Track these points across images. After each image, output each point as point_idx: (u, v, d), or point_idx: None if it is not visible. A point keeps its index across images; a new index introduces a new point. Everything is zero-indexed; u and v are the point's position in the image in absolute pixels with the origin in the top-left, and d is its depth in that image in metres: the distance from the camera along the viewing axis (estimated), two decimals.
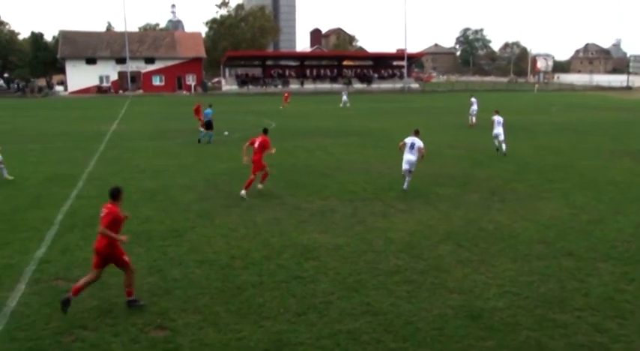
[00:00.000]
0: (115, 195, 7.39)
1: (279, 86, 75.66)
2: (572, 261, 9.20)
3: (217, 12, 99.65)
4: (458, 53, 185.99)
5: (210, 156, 19.78)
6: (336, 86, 76.06)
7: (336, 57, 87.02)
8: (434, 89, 79.37)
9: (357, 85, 77.60)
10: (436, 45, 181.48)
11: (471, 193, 13.83)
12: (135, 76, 76.09)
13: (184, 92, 74.17)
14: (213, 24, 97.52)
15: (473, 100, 33.04)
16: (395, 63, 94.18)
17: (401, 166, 13.87)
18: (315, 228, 11.01)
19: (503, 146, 19.35)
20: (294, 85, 75.37)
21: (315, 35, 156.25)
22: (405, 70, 79.28)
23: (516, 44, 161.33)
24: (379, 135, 25.88)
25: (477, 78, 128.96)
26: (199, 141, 22.76)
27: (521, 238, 10.33)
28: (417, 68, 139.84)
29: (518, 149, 21.18)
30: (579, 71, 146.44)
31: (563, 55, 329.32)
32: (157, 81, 76.36)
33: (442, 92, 73.50)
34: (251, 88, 74.00)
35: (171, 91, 74.64)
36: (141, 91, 74.21)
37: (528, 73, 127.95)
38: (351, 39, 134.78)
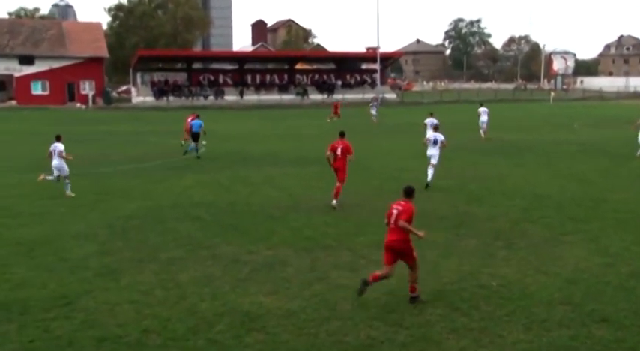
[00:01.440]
0: (410, 193, 10.66)
1: (211, 97, 75.86)
2: (607, 329, 9.15)
3: None
4: (448, 52, 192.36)
5: (117, 193, 19.55)
6: (287, 97, 77.04)
7: (287, 58, 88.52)
8: (416, 100, 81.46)
9: (315, 96, 78.78)
10: (419, 41, 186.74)
11: (467, 238, 14.11)
12: (4, 82, 74.20)
13: (79, 105, 72.96)
14: (118, 12, 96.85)
15: (482, 109, 36.21)
16: (364, 66, 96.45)
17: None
18: (260, 288, 10.96)
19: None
20: (230, 97, 75.80)
21: (259, 29, 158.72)
22: (377, 76, 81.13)
23: (525, 39, 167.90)
24: None
25: (472, 84, 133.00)
26: (186, 153, 27.85)
27: (537, 297, 10.39)
28: (394, 73, 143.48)
29: (529, 178, 21.87)
30: (610, 73, 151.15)
31: (589, 52, 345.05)
32: (38, 89, 74.40)
33: (427, 104, 75.55)
34: (172, 100, 73.82)
35: (60, 104, 73.15)
36: (13, 103, 72.37)
37: (542, 77, 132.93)
38: (307, 34, 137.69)
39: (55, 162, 19.09)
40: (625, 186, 20.35)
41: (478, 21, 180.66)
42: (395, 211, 10.56)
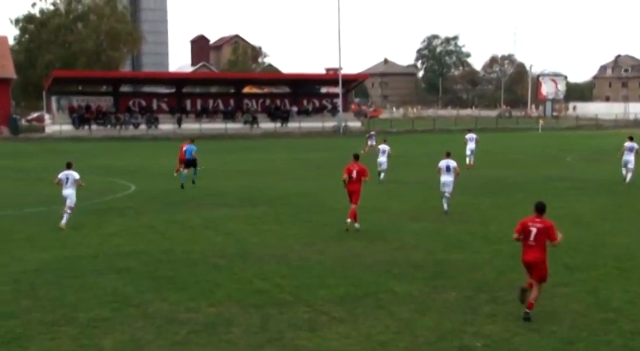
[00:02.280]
0: (543, 208, 12.98)
1: (142, 126, 75.53)
2: None
3: (34, 4, 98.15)
4: (420, 74, 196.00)
5: (23, 241, 19.21)
6: (234, 126, 77.19)
7: (233, 81, 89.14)
8: (384, 129, 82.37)
9: (267, 125, 79.14)
10: (386, 61, 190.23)
11: (446, 290, 14.19)
12: None
13: None
14: (28, 24, 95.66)
15: (469, 136, 40.25)
16: (324, 90, 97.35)
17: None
18: None
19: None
20: (166, 126, 75.61)
21: (200, 46, 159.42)
22: (339, 101, 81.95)
23: (509, 59, 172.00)
24: (302, 202, 26.55)
25: (449, 111, 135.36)
26: (182, 186, 30.17)
27: None
28: (359, 98, 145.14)
29: (516, 220, 22.08)
30: (607, 98, 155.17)
31: (582, 74, 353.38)
32: None
33: (397, 134, 76.54)
34: (95, 130, 73.28)
35: None
36: None
37: (529, 103, 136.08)
38: (256, 53, 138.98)
39: (68, 191, 21.06)
40: (627, 228, 20.76)
41: (455, 38, 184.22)
42: (534, 229, 12.62)
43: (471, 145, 40.23)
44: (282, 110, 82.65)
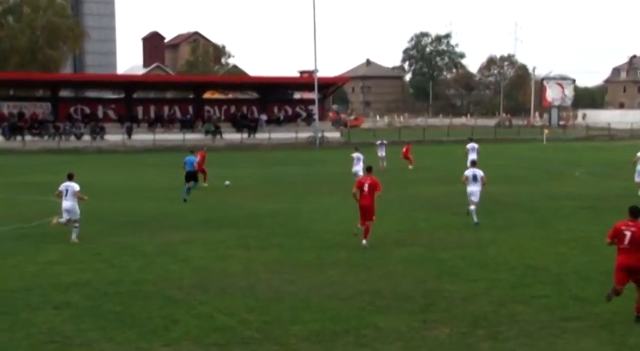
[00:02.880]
0: (637, 213, 14.31)
1: (86, 137, 75.11)
2: None
3: None
4: (408, 77, 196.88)
5: None
6: (193, 137, 76.97)
7: (192, 84, 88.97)
8: (366, 140, 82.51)
9: (232, 136, 79.12)
10: (369, 63, 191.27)
11: (437, 326, 14.24)
12: None
13: None
14: None
15: (471, 146, 42.29)
16: (297, 95, 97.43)
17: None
18: None
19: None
20: (113, 136, 75.30)
21: (153, 45, 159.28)
22: (315, 109, 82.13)
23: (509, 60, 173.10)
24: (273, 223, 26.60)
25: (441, 120, 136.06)
26: (185, 200, 32.51)
27: None
28: (337, 105, 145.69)
29: (518, 244, 22.35)
30: (621, 105, 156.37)
31: (593, 77, 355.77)
32: None
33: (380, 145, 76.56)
34: (30, 141, 72.73)
35: None
36: None
37: (532, 110, 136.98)
38: (219, 52, 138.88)
39: (68, 203, 22.85)
40: None
41: (447, 36, 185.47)
42: (628, 233, 14.06)
43: (472, 156, 41.02)
44: (249, 119, 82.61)
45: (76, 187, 22.99)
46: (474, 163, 27.41)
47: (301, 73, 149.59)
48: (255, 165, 54.47)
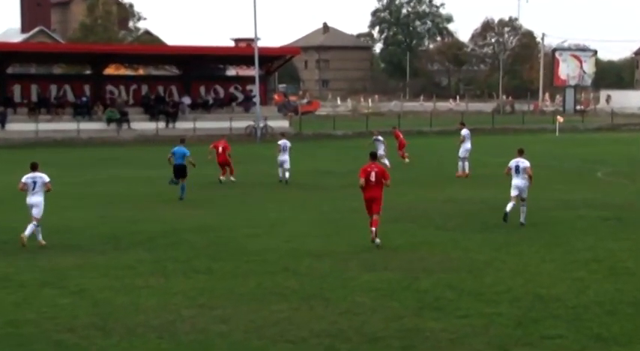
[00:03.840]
0: None
1: None
2: None
3: None
4: (378, 48, 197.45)
5: None
6: (90, 127, 76.23)
7: (90, 56, 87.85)
8: (325, 132, 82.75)
9: (143, 126, 78.45)
10: (327, 29, 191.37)
11: None
12: None
13: None
14: None
15: (466, 133, 44.82)
16: (232, 72, 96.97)
17: None
18: None
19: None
20: None
21: (35, 3, 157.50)
22: (255, 89, 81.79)
23: (511, 26, 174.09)
24: (198, 242, 26.50)
25: (422, 104, 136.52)
26: (182, 198, 36.51)
27: None
28: (285, 85, 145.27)
29: (523, 268, 22.37)
30: None
31: (619, 48, 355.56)
32: None
33: (343, 138, 76.81)
34: None
35: None
36: None
37: (540, 92, 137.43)
38: (126, 14, 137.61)
39: (36, 198, 25.16)
40: None
41: None
42: None
43: (466, 145, 43.72)
44: (167, 103, 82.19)
45: (46, 178, 25.16)
46: (520, 152, 29.68)
47: (236, 41, 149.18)
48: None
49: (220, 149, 42.30)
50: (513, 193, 28.79)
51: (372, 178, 24.82)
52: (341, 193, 37.99)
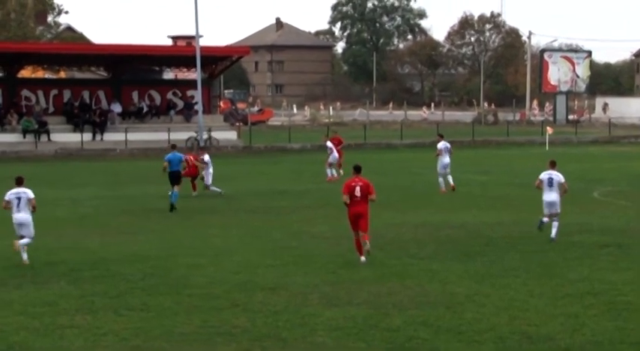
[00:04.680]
0: None
1: None
2: None
3: None
4: (340, 47, 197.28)
5: None
6: (2, 139, 75.46)
7: (0, 55, 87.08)
8: (278, 145, 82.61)
9: (64, 137, 77.75)
10: (281, 25, 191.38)
11: None
12: None
13: None
14: None
15: (443, 146, 47.05)
16: (170, 75, 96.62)
17: None
18: None
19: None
20: None
21: None
22: (197, 95, 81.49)
23: (493, 21, 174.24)
24: (132, 273, 26.46)
25: (391, 112, 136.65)
26: (172, 208, 40.34)
27: None
28: (233, 90, 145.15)
29: (509, 303, 22.53)
30: None
31: (616, 49, 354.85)
32: None
33: (300, 152, 76.79)
34: None
35: None
36: None
37: (527, 99, 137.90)
38: (44, 6, 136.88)
39: (22, 215, 27.03)
40: None
41: None
42: None
43: (444, 160, 45.62)
44: (93, 111, 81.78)
45: (30, 194, 27.04)
46: (553, 164, 31.63)
47: (174, 39, 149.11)
48: (104, 182, 53.98)
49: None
50: (546, 211, 31.34)
51: (357, 193, 26.57)
52: (297, 217, 38.09)
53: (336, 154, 53.67)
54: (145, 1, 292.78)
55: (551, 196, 30.94)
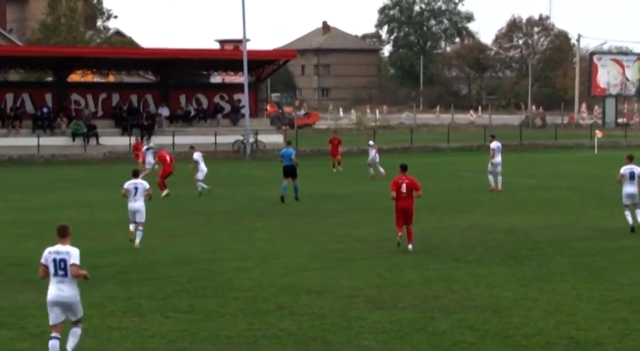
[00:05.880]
0: None
1: None
2: None
3: None
4: (386, 50, 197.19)
5: None
6: (51, 143, 75.61)
7: (52, 61, 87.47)
8: (323, 149, 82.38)
9: (113, 140, 77.92)
10: (328, 29, 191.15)
11: None
12: None
13: None
14: None
15: (496, 145, 48.49)
16: (217, 79, 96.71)
17: None
18: None
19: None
20: None
21: None
22: (244, 99, 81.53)
23: (541, 24, 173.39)
24: (178, 276, 26.49)
25: (437, 117, 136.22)
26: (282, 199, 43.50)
27: None
28: (279, 93, 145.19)
29: (558, 304, 22.29)
30: None
31: None
32: None
33: (346, 155, 76.60)
34: None
35: None
36: None
37: (576, 102, 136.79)
38: (94, 11, 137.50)
39: (138, 204, 30.72)
40: None
41: None
42: None
43: (497, 159, 47.10)
44: (141, 114, 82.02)
45: (146, 184, 31.21)
46: (630, 158, 33.61)
47: (222, 43, 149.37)
48: (151, 185, 54.04)
49: (168, 159, 48.36)
50: (626, 201, 33.16)
51: (404, 189, 29.21)
52: (342, 220, 38.04)
53: (374, 154, 56.83)
54: (193, 5, 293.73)
55: (632, 189, 32.77)
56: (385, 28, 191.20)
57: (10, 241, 32.87)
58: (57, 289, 17.52)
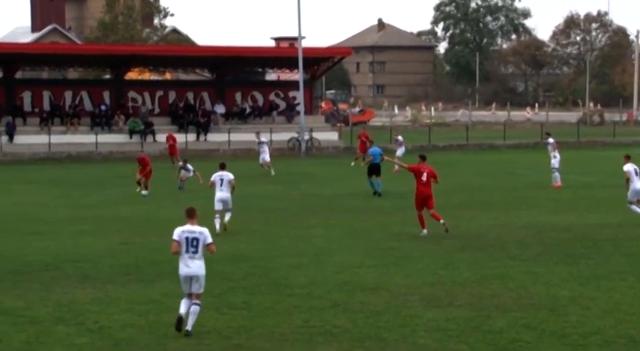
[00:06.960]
0: None
1: None
2: None
3: None
4: (442, 47, 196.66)
5: None
6: (109, 140, 76.16)
7: (109, 58, 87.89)
8: (379, 144, 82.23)
9: (185, 138, 78.30)
10: (383, 26, 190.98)
11: None
12: None
13: None
14: None
15: (551, 142, 51.08)
16: (272, 76, 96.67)
17: None
18: None
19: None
20: None
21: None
22: (299, 96, 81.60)
23: (600, 21, 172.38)
24: (234, 272, 26.59)
25: (493, 114, 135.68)
26: (376, 193, 45.94)
27: None
28: (334, 90, 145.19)
29: (617, 303, 22.17)
30: None
31: None
32: None
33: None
34: None
35: None
36: None
37: (635, 99, 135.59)
38: (151, 9, 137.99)
39: (224, 194, 33.92)
40: None
41: None
42: None
43: (556, 157, 49.02)
44: (197, 112, 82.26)
45: (231, 176, 34.05)
46: (628, 158, 36.21)
47: (277, 41, 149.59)
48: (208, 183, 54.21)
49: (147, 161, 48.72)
50: (632, 197, 35.44)
51: (424, 178, 32.34)
52: (397, 217, 38.00)
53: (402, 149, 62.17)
54: (249, 3, 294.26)
55: (639, 184, 35.19)
56: (441, 24, 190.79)
57: (68, 238, 33.08)
58: (188, 265, 20.45)
